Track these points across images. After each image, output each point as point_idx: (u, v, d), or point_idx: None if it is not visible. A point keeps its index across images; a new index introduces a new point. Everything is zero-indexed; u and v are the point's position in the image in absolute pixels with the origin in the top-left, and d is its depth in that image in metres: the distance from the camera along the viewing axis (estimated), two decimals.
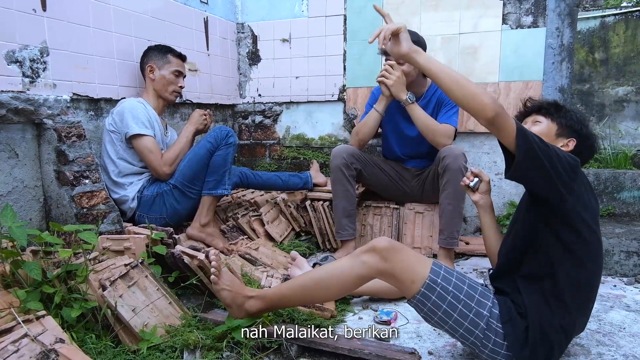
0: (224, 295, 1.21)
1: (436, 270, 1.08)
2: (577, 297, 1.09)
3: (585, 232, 1.07)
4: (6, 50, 1.50)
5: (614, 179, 2.27)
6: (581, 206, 1.07)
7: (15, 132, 1.54)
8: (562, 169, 1.02)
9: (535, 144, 1.00)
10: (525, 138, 1.00)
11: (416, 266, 1.08)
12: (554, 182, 1.02)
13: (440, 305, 1.06)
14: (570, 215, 1.06)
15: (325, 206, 2.20)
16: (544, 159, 1.00)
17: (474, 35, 2.32)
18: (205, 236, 1.84)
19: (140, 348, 1.13)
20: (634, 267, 1.88)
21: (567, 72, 2.22)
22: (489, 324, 1.06)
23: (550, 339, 1.06)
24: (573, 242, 1.07)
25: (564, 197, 1.04)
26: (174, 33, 2.28)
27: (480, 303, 1.08)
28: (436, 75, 1.11)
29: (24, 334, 0.97)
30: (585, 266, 1.08)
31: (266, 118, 2.86)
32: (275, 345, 1.21)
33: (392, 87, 1.94)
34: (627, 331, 1.40)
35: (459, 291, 1.07)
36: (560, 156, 1.03)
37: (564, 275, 1.08)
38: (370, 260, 1.11)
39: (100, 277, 1.23)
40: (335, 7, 2.57)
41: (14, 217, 1.16)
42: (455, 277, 1.10)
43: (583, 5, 2.07)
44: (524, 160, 1.00)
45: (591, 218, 1.09)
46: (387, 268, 1.09)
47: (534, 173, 1.02)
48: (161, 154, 1.82)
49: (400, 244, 1.13)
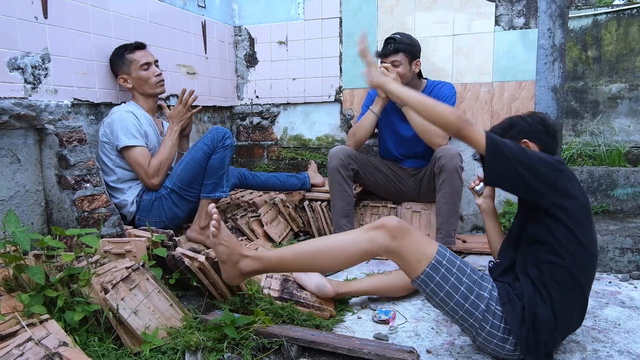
0: (221, 250, 1.19)
1: (442, 252, 1.13)
2: (564, 284, 1.12)
3: (575, 226, 1.11)
4: (8, 58, 1.52)
5: (607, 176, 2.30)
6: (570, 202, 1.11)
7: (17, 138, 1.56)
8: (543, 169, 1.08)
9: (505, 149, 1.07)
10: (494, 145, 1.07)
11: (423, 247, 1.12)
12: (531, 184, 1.08)
13: (443, 286, 1.10)
14: (559, 211, 1.10)
15: (323, 206, 2.22)
16: (516, 163, 1.06)
17: (468, 37, 2.35)
18: (205, 238, 1.86)
19: (142, 350, 1.15)
20: (628, 264, 1.91)
21: (559, 72, 2.25)
22: (488, 306, 1.10)
23: (540, 317, 1.10)
24: (565, 237, 1.11)
25: (548, 196, 1.09)
26: (173, 37, 2.29)
27: (481, 286, 1.13)
28: (406, 101, 1.24)
29: (28, 337, 0.98)
30: (572, 256, 1.12)
31: (264, 119, 2.88)
32: (275, 345, 1.24)
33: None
34: (622, 327, 1.42)
35: (462, 273, 1.12)
36: (541, 158, 1.09)
37: (552, 262, 1.12)
38: (379, 237, 1.14)
39: (102, 280, 1.24)
40: (331, 9, 2.59)
41: (17, 221, 1.18)
42: (460, 261, 1.15)
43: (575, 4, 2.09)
44: (493, 164, 1.07)
45: (581, 212, 1.13)
46: (395, 246, 1.13)
47: (508, 177, 1.08)
48: (149, 163, 1.78)
49: (408, 225, 1.16)
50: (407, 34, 2.07)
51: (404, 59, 1.99)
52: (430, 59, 2.40)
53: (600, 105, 4.39)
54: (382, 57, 2.04)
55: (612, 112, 4.35)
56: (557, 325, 1.13)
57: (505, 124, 1.32)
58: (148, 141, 1.84)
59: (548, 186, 1.09)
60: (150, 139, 1.86)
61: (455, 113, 1.12)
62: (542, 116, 1.31)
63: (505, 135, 1.27)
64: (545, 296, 1.12)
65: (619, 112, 4.32)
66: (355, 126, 2.14)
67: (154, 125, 1.92)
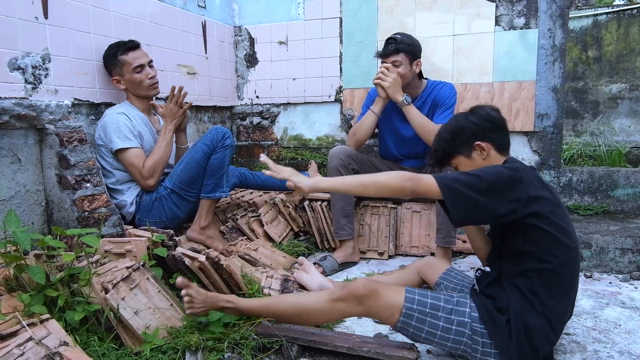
0: (201, 312, 1.26)
1: (410, 297, 1.14)
2: (554, 286, 1.11)
3: (553, 227, 1.09)
4: (9, 58, 1.52)
5: (608, 176, 2.30)
6: (540, 205, 1.08)
7: (17, 138, 1.56)
8: (504, 187, 1.06)
9: (459, 186, 1.06)
10: (448, 187, 1.07)
11: (391, 300, 1.15)
12: (498, 208, 1.05)
13: (422, 327, 1.13)
14: (533, 219, 1.08)
15: (323, 206, 2.22)
16: (475, 195, 1.05)
17: (468, 37, 2.35)
18: (205, 238, 1.86)
19: (142, 350, 1.15)
20: (629, 264, 1.91)
21: (559, 72, 2.25)
22: (473, 329, 1.11)
23: (532, 328, 1.09)
24: (545, 240, 1.09)
25: (518, 211, 1.06)
26: (173, 37, 2.30)
27: (459, 312, 1.13)
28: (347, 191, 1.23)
29: (29, 337, 0.99)
30: (556, 256, 1.10)
31: (264, 119, 2.88)
32: (275, 345, 1.24)
33: (389, 89, 1.96)
34: (622, 328, 1.42)
35: (436, 309, 1.13)
36: (498, 176, 1.07)
37: (538, 269, 1.10)
38: (346, 307, 1.18)
39: (103, 280, 1.25)
40: (331, 10, 2.59)
41: (18, 221, 1.18)
42: (430, 297, 1.15)
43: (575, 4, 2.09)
44: (455, 205, 1.06)
45: (553, 210, 1.10)
46: (363, 310, 1.18)
47: (473, 212, 1.07)
48: (143, 165, 1.76)
49: (374, 285, 1.17)
50: (408, 34, 2.07)
51: (405, 59, 1.99)
52: (430, 59, 2.40)
53: (601, 105, 4.39)
54: (382, 57, 2.04)
55: (612, 112, 4.35)
56: (553, 328, 1.12)
57: (453, 129, 1.27)
58: (143, 141, 1.83)
59: (515, 201, 1.06)
60: (146, 139, 1.85)
61: (399, 177, 1.11)
62: (487, 111, 1.26)
63: (456, 142, 1.25)
64: (537, 304, 1.10)
65: (620, 113, 4.32)
66: (355, 126, 2.15)
67: (149, 124, 1.90)
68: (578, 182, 2.34)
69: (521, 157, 2.37)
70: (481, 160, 1.23)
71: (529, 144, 2.35)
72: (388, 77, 1.96)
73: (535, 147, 2.34)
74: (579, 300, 1.64)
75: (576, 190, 2.35)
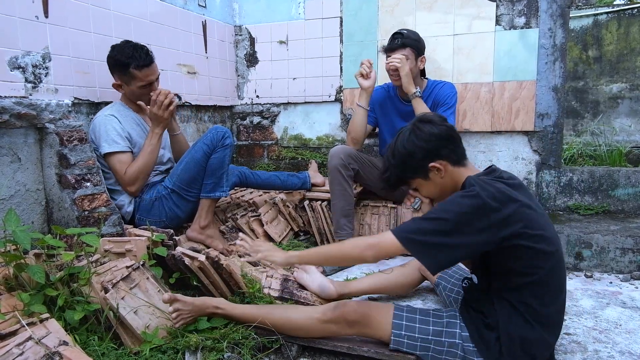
0: (191, 320, 1.27)
1: (397, 324, 1.16)
2: (545, 295, 1.07)
3: (535, 241, 1.03)
4: (9, 57, 1.52)
5: (608, 176, 2.30)
6: (517, 224, 1.02)
7: (18, 137, 1.56)
8: (473, 221, 1.00)
9: (422, 236, 1.03)
10: (410, 240, 1.04)
11: (379, 324, 1.17)
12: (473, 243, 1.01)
13: (413, 352, 1.14)
14: (514, 239, 1.02)
15: (323, 206, 2.22)
16: (444, 240, 1.01)
17: (468, 36, 2.35)
18: (205, 238, 1.86)
19: (142, 349, 1.15)
20: (629, 264, 1.91)
21: (560, 72, 2.25)
22: (464, 349, 1.11)
23: (530, 340, 1.07)
24: (529, 255, 1.04)
25: (496, 237, 1.01)
26: (173, 37, 2.29)
27: (449, 334, 1.13)
28: (319, 262, 1.28)
29: (28, 336, 0.99)
30: (541, 267, 1.05)
31: (264, 119, 2.88)
32: (275, 345, 1.24)
33: (405, 77, 1.96)
34: (623, 328, 1.42)
35: (426, 334, 1.14)
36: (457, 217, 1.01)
37: (527, 282, 1.06)
38: (337, 329, 1.21)
39: (103, 279, 1.24)
40: (332, 9, 2.59)
41: (18, 220, 1.18)
42: (419, 320, 1.16)
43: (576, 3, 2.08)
44: (426, 256, 1.04)
45: (532, 221, 1.04)
46: (354, 333, 1.21)
47: (448, 255, 1.03)
48: (125, 171, 1.72)
49: (366, 309, 1.19)
50: (414, 31, 2.09)
51: (411, 54, 2.00)
52: (431, 59, 2.40)
53: (601, 105, 4.39)
54: (388, 52, 2.04)
55: (612, 112, 4.35)
56: (549, 334, 1.10)
57: (402, 155, 1.17)
58: (132, 142, 1.79)
59: (486, 229, 1.00)
60: (136, 140, 1.80)
61: (358, 248, 1.11)
62: (428, 129, 1.15)
63: (407, 168, 1.17)
64: (530, 315, 1.06)
65: (620, 112, 4.32)
66: (349, 124, 2.15)
67: (143, 124, 1.87)
68: (578, 182, 2.34)
69: (521, 156, 2.37)
70: (439, 179, 1.16)
71: (529, 143, 2.35)
72: (405, 65, 1.96)
73: (536, 147, 2.34)
74: (579, 300, 1.64)
75: (577, 190, 2.35)
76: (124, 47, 1.73)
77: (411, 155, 1.16)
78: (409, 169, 1.18)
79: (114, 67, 1.76)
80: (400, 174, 1.20)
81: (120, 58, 1.72)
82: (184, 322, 1.25)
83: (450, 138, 1.16)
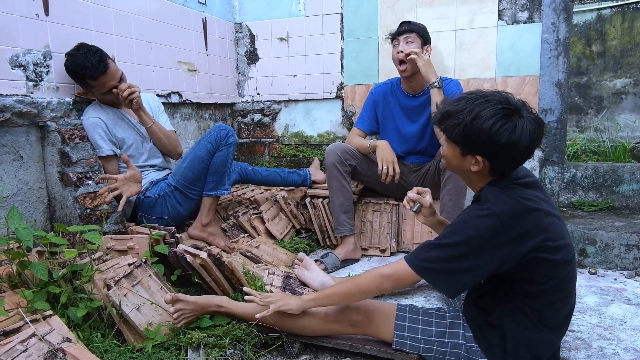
0: (193, 318, 1.27)
1: (400, 325, 1.16)
2: (557, 301, 1.05)
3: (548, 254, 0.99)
4: (10, 55, 1.52)
5: (612, 172, 2.28)
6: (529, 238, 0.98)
7: (19, 135, 1.56)
8: (481, 245, 0.97)
9: (436, 263, 1.01)
10: (425, 269, 1.03)
11: (382, 324, 1.17)
12: (484, 267, 0.99)
13: (416, 353, 1.15)
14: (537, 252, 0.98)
15: (324, 203, 2.21)
16: (458, 265, 0.99)
17: (470, 32, 2.33)
18: (206, 236, 1.86)
19: (145, 346, 1.16)
20: (634, 260, 1.90)
21: (563, 67, 2.23)
22: (468, 350, 1.10)
23: (537, 342, 1.05)
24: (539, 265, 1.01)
25: (510, 258, 0.98)
26: (173, 34, 2.29)
27: (453, 334, 1.12)
28: (335, 301, 1.19)
29: (32, 333, 0.99)
30: (557, 276, 1.03)
31: (265, 116, 2.87)
32: (277, 342, 1.24)
33: (423, 67, 1.94)
34: (627, 325, 1.41)
35: (429, 335, 1.13)
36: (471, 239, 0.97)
37: (540, 290, 1.03)
38: (340, 328, 1.22)
39: (105, 276, 1.25)
40: (332, 5, 2.58)
41: (20, 218, 1.18)
42: (422, 321, 1.15)
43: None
44: (441, 283, 1.04)
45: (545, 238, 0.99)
46: (357, 332, 1.22)
47: (464, 279, 1.01)
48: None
49: (368, 307, 1.19)
50: (421, 24, 2.10)
51: (417, 40, 2.01)
52: (432, 55, 2.39)
53: (605, 100, 4.36)
54: (395, 35, 2.04)
55: (616, 107, 4.31)
56: (556, 336, 1.08)
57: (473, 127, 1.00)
58: (117, 139, 1.79)
59: (503, 247, 0.97)
60: (121, 135, 1.79)
61: (374, 280, 1.09)
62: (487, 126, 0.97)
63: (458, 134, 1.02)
64: (539, 319, 1.04)
65: (624, 108, 4.28)
66: (353, 141, 2.15)
67: (126, 117, 1.85)
68: (582, 178, 2.32)
69: None
70: (468, 165, 1.05)
71: None
72: (424, 56, 1.95)
73: None
74: (583, 297, 1.63)
75: (580, 186, 2.33)
76: (76, 56, 1.64)
77: (479, 135, 0.99)
78: (461, 135, 1.01)
79: (71, 77, 1.70)
80: (452, 128, 1.03)
81: (73, 69, 1.65)
82: (186, 322, 1.25)
83: (524, 157, 1.03)
